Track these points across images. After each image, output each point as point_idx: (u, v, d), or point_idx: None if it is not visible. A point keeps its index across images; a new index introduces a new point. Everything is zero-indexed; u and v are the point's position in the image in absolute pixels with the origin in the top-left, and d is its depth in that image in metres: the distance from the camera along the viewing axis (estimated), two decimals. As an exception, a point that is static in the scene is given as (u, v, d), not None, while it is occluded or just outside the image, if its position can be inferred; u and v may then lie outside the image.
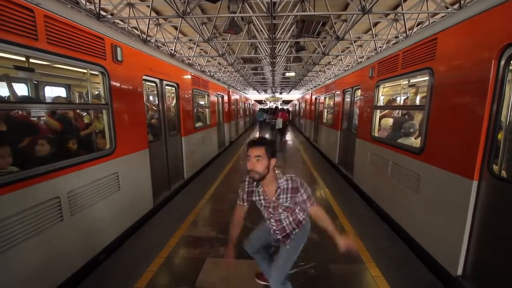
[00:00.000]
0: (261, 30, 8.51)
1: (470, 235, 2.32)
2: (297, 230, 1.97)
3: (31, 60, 3.03)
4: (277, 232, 1.96)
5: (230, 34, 8.27)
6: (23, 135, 2.61)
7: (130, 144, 3.52)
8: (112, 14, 7.52)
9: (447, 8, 6.34)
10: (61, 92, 4.88)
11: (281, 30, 8.33)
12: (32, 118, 3.24)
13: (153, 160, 4.15)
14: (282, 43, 10.14)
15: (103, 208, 2.96)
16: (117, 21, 8.47)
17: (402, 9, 6.43)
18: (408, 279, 2.61)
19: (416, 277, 2.64)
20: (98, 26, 2.95)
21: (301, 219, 1.97)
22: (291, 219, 1.91)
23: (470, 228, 2.31)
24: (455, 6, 6.11)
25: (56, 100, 3.65)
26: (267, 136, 15.17)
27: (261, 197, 1.86)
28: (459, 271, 2.39)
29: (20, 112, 3.04)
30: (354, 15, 6.17)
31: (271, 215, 1.88)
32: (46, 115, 3.07)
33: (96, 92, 3.68)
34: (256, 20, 8.18)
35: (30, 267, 2.08)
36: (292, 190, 1.78)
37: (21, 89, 3.97)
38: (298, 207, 1.89)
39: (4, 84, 2.99)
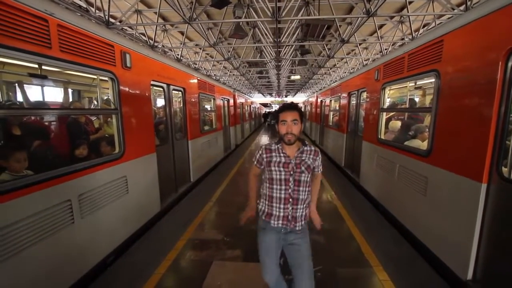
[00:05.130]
0: (266, 34, 8.59)
1: (480, 239, 2.29)
2: (303, 221, 1.90)
3: (42, 67, 3.13)
4: (290, 201, 1.83)
5: (235, 39, 8.39)
6: (36, 139, 2.70)
7: (138, 148, 3.58)
8: (120, 21, 7.70)
9: (453, 9, 6.29)
10: (72, 97, 5.00)
11: (286, 34, 8.39)
12: (44, 123, 3.33)
13: (161, 164, 4.21)
14: (287, 47, 10.20)
15: (112, 211, 3.02)
16: (125, 27, 8.66)
17: (408, 11, 6.42)
18: (416, 283, 2.58)
19: (425, 281, 2.61)
20: (108, 34, 3.04)
21: (307, 205, 1.94)
22: (307, 190, 1.87)
23: (479, 231, 2.28)
24: (462, 8, 6.06)
25: (68, 105, 3.74)
26: (266, 137, 15.23)
27: (282, 155, 1.86)
28: (469, 275, 2.35)
29: (32, 118, 3.14)
30: (359, 18, 6.19)
31: (291, 174, 1.81)
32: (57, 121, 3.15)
33: (105, 97, 3.77)
34: (261, 25, 8.26)
35: (42, 268, 2.14)
36: (314, 153, 1.90)
37: (33, 95, 4.10)
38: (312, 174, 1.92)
39: (17, 90, 3.11)
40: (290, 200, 1.83)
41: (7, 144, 2.47)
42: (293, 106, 1.85)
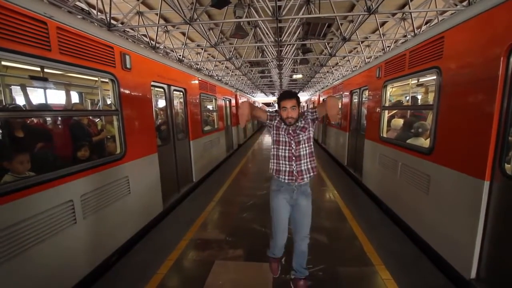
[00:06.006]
0: (267, 34, 8.56)
1: (483, 237, 2.26)
2: (310, 174, 2.26)
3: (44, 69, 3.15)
4: (294, 159, 2.22)
5: (236, 39, 8.39)
6: (38, 141, 2.73)
7: (139, 149, 3.60)
8: (122, 23, 7.75)
9: (456, 5, 6.22)
10: (73, 99, 5.04)
11: (287, 33, 8.36)
12: (46, 125, 3.36)
13: (162, 164, 4.23)
14: (289, 46, 10.17)
15: (114, 212, 3.04)
16: (127, 29, 8.71)
17: (409, 8, 6.35)
18: (419, 282, 2.55)
19: (428, 280, 2.58)
20: (107, 35, 3.06)
21: (314, 161, 2.29)
22: (307, 146, 2.24)
23: (483, 230, 2.25)
24: (464, 3, 5.99)
25: (70, 108, 3.77)
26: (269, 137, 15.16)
27: (285, 127, 2.25)
28: (473, 274, 2.32)
29: (35, 120, 3.17)
30: (360, 15, 6.14)
31: (292, 138, 2.23)
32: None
33: (108, 99, 3.79)
34: (262, 24, 8.25)
35: (45, 269, 2.16)
36: (303, 115, 2.28)
37: (35, 97, 4.13)
38: (311, 133, 2.26)
39: (20, 92, 3.13)
40: (293, 158, 2.23)
41: (10, 146, 2.50)
42: (291, 95, 2.19)
